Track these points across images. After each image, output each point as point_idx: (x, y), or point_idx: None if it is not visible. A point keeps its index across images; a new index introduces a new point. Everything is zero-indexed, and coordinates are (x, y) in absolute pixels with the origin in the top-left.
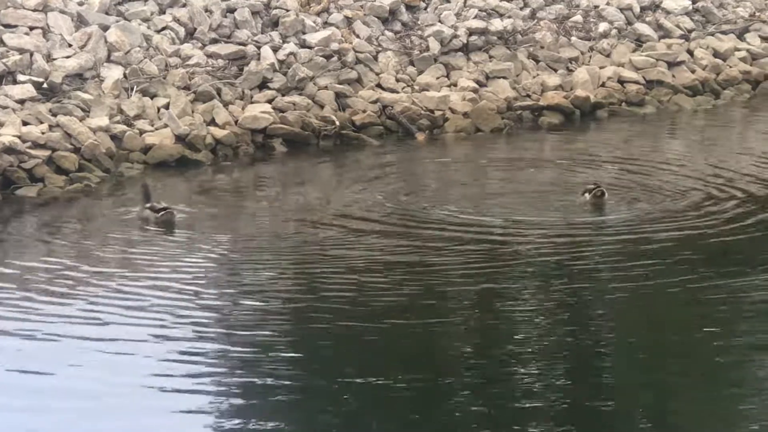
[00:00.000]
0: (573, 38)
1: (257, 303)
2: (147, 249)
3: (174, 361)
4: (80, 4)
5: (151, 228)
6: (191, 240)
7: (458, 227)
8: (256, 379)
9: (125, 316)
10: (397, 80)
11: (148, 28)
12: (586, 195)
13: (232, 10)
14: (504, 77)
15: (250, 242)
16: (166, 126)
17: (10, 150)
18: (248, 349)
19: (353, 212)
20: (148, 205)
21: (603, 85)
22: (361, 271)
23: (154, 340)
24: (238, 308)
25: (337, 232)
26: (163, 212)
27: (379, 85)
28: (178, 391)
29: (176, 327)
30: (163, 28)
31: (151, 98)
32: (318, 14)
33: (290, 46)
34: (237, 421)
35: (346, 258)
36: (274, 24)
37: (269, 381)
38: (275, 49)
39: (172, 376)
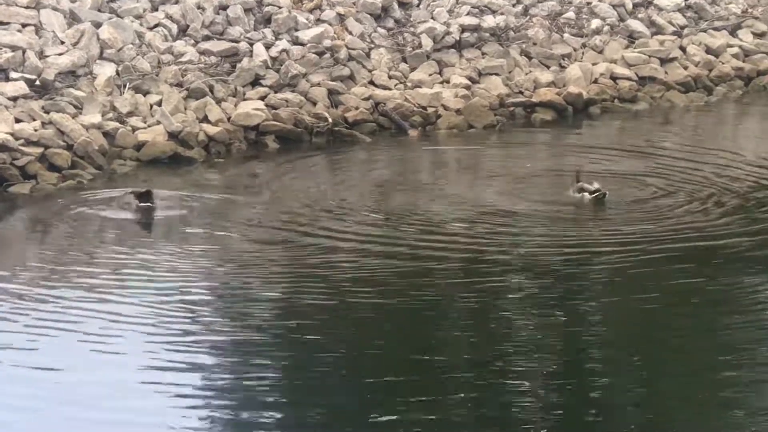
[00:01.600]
0: (565, 35)
1: (243, 310)
2: (133, 252)
3: (151, 382)
4: (73, 1)
5: (133, 217)
6: (182, 240)
7: (454, 228)
8: (242, 389)
9: (104, 321)
10: (390, 77)
11: (141, 25)
12: (585, 194)
13: (224, 7)
14: (496, 74)
15: (239, 245)
16: (158, 123)
17: (2, 147)
18: (233, 358)
19: (345, 212)
20: (130, 191)
21: (595, 81)
22: (352, 275)
23: (131, 349)
24: (224, 315)
25: (328, 234)
26: (146, 204)
27: (371, 82)
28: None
29: (158, 336)
30: (156, 25)
31: (144, 95)
32: (310, 11)
33: (283, 43)
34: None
35: (337, 261)
36: (267, 21)
37: (256, 390)
38: (268, 46)
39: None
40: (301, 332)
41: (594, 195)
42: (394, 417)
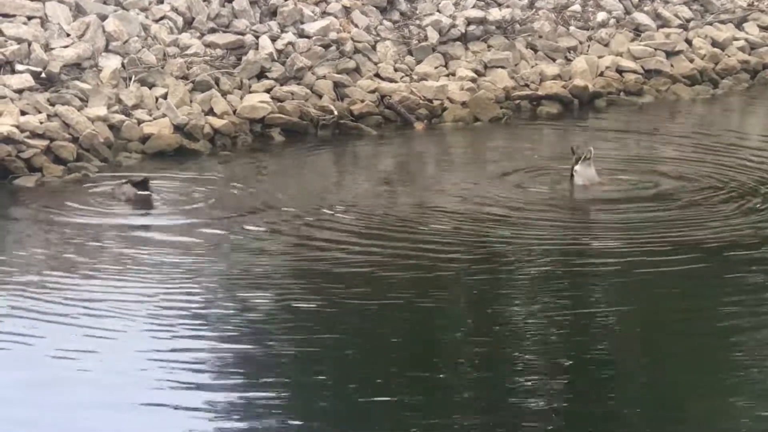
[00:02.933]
0: (571, 28)
1: (242, 313)
2: (134, 248)
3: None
4: None
5: (131, 209)
6: (182, 236)
7: (460, 226)
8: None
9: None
10: (396, 70)
11: (147, 17)
12: (576, 167)
13: (230, 0)
14: (502, 67)
15: (240, 242)
16: (164, 116)
17: (8, 140)
18: (231, 360)
19: (349, 207)
20: (125, 180)
21: (601, 74)
22: (353, 274)
23: (118, 350)
24: (223, 315)
25: (330, 231)
26: (142, 191)
27: (377, 75)
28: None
29: (147, 343)
30: (162, 18)
31: (150, 88)
32: (316, 4)
33: (288, 36)
34: None
35: (339, 259)
36: (273, 13)
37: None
38: (273, 39)
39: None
40: (301, 333)
41: (583, 156)
42: (397, 420)
